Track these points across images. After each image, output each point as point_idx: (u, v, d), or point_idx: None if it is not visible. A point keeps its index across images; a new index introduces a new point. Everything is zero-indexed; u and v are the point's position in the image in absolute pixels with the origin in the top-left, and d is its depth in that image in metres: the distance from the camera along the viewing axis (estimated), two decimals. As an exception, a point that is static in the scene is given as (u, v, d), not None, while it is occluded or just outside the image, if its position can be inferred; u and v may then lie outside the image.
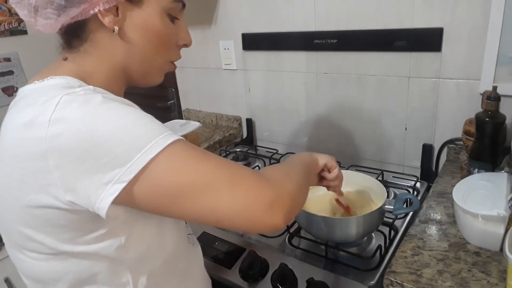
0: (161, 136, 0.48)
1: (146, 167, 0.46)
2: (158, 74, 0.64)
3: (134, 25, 0.57)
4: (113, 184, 0.46)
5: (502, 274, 0.72)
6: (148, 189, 0.48)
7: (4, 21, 1.97)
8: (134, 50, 0.58)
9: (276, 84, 1.51)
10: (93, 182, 0.46)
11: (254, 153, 1.53)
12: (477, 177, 0.91)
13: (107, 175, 0.46)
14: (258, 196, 0.50)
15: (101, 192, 0.46)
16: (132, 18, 0.56)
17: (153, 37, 0.58)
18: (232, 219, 0.49)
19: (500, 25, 0.98)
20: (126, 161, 0.46)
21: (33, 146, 0.47)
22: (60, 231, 0.51)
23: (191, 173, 0.49)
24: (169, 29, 0.60)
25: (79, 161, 0.46)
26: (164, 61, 0.63)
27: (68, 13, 0.53)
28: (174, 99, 1.92)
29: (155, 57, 0.61)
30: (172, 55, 0.64)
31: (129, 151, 0.46)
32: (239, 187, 0.50)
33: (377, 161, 1.35)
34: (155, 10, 0.57)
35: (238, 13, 1.50)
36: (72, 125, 0.46)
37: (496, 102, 0.91)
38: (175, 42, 0.62)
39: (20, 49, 2.02)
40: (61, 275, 0.55)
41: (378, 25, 1.19)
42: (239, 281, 0.90)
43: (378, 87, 1.26)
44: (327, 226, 0.87)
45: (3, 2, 1.98)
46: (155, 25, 0.58)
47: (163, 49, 0.61)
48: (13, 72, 2.03)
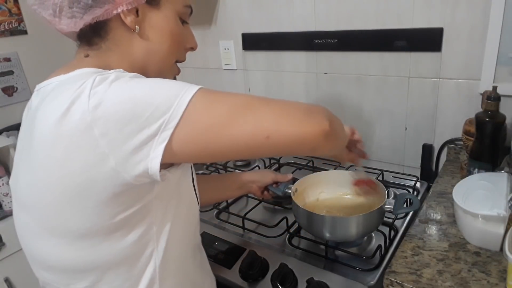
0: (190, 85, 0.51)
1: (186, 109, 0.48)
2: (170, 74, 0.68)
3: (152, 26, 0.61)
4: (161, 133, 0.48)
5: (502, 274, 0.72)
6: (193, 129, 0.49)
7: (4, 21, 1.97)
8: (152, 48, 0.62)
9: (276, 84, 1.51)
10: (140, 138, 0.48)
11: (254, 153, 1.53)
12: (477, 177, 0.91)
13: (153, 126, 0.48)
14: (295, 104, 0.54)
15: (151, 145, 0.48)
16: (151, 19, 0.61)
17: (169, 37, 0.63)
18: (280, 129, 0.50)
19: (500, 25, 0.98)
20: (168, 108, 0.48)
21: (76, 122, 0.48)
22: (100, 208, 0.52)
23: (228, 101, 0.51)
24: (181, 31, 0.65)
25: (124, 124, 0.47)
26: (174, 62, 0.67)
27: (92, 12, 0.56)
28: (174, 99, 1.92)
29: (169, 56, 0.65)
30: (180, 56, 0.68)
31: (167, 100, 0.48)
32: (274, 102, 0.53)
33: (377, 161, 1.35)
34: (171, 13, 0.62)
35: (238, 13, 1.50)
36: (111, 94, 0.48)
37: (496, 102, 0.91)
38: (184, 44, 0.67)
39: (20, 49, 2.01)
40: (94, 258, 0.56)
41: (378, 25, 1.19)
42: (239, 281, 0.90)
43: (378, 87, 1.26)
44: (327, 225, 0.87)
45: (3, 2, 1.98)
46: (171, 26, 0.63)
47: (176, 50, 0.65)
48: (13, 72, 2.02)
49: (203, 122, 0.49)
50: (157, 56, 0.64)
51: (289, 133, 0.51)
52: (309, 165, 1.37)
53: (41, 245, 0.58)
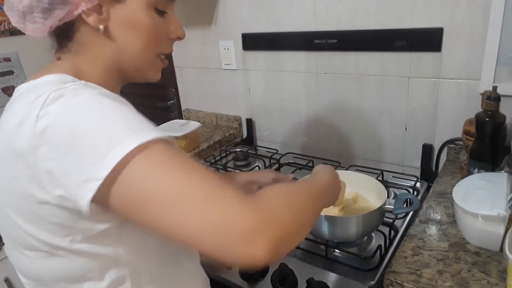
0: (140, 133, 0.45)
1: (120, 165, 0.43)
2: (152, 69, 0.63)
3: (119, 23, 0.56)
4: (90, 182, 0.44)
5: (502, 274, 0.72)
6: (121, 191, 0.45)
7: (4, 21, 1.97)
8: (123, 47, 0.58)
9: (276, 84, 1.51)
10: (75, 177, 0.45)
11: (254, 153, 1.53)
12: (477, 177, 0.91)
13: (86, 171, 0.44)
14: (235, 219, 0.43)
15: (81, 189, 0.45)
16: (116, 15, 0.56)
17: (140, 33, 0.58)
18: (200, 241, 0.43)
19: (500, 25, 0.98)
20: (103, 157, 0.44)
21: (23, 142, 0.47)
22: (55, 228, 0.51)
23: (163, 180, 0.45)
24: (157, 23, 0.59)
25: (64, 155, 0.45)
26: (155, 56, 0.62)
27: (53, 16, 0.54)
28: (174, 99, 1.92)
29: (144, 52, 0.60)
30: (163, 48, 0.63)
31: (106, 147, 0.44)
32: (214, 205, 0.43)
33: (377, 161, 1.35)
34: (140, 5, 0.56)
35: (238, 13, 1.50)
36: (58, 120, 0.46)
37: (496, 102, 0.91)
38: (165, 36, 0.62)
39: (20, 49, 2.01)
40: (59, 273, 0.55)
41: (378, 25, 1.19)
42: (239, 281, 0.90)
43: (378, 87, 1.26)
44: (327, 225, 0.87)
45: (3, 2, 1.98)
46: (140, 20, 0.57)
47: (152, 44, 0.60)
48: (13, 72, 2.02)
49: (130, 188, 0.45)
50: (130, 55, 0.59)
51: (212, 252, 0.43)
52: (309, 165, 1.37)
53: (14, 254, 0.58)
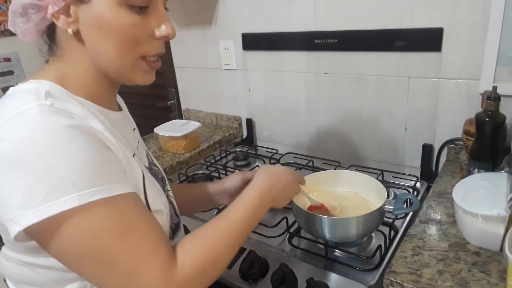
0: (85, 192, 0.46)
1: (53, 220, 0.44)
2: (136, 73, 0.58)
3: (88, 25, 0.53)
4: (13, 224, 0.45)
5: (502, 274, 0.72)
6: (54, 240, 0.46)
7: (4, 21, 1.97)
8: (96, 50, 0.54)
9: (276, 84, 1.51)
10: (7, 211, 0.46)
11: (254, 153, 1.53)
12: (477, 177, 0.91)
13: (15, 211, 0.45)
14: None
15: (8, 225, 0.46)
16: (85, 17, 0.52)
17: (109, 36, 0.53)
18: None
19: (500, 25, 0.98)
20: (35, 206, 0.44)
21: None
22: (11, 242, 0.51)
23: (97, 246, 0.47)
24: (131, 23, 0.52)
25: (6, 183, 0.45)
26: (136, 58, 0.56)
27: (31, 20, 0.54)
28: (174, 99, 1.92)
29: (120, 55, 0.54)
30: (146, 49, 0.56)
31: (43, 197, 0.44)
32: (137, 279, 0.49)
33: (377, 161, 1.35)
34: (108, 3, 0.51)
35: (238, 13, 1.50)
36: (9, 146, 0.45)
37: (496, 102, 0.91)
38: (147, 35, 0.55)
39: (20, 49, 2.02)
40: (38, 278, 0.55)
41: (378, 25, 1.19)
42: (239, 281, 0.90)
43: (378, 87, 1.26)
44: (327, 226, 0.87)
45: (3, 2, 1.98)
46: (108, 21, 0.52)
47: (128, 47, 0.54)
48: (13, 72, 2.03)
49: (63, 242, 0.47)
50: (105, 59, 0.55)
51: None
52: (309, 165, 1.37)
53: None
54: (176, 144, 1.49)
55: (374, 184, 0.96)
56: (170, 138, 1.49)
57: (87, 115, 0.52)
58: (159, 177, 0.72)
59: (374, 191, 0.95)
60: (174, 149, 1.50)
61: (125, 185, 0.51)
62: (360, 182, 1.00)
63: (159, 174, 0.73)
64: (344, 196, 1.00)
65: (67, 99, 0.53)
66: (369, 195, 0.98)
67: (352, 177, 1.02)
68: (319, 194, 1.01)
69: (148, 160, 0.72)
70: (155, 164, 0.75)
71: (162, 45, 0.58)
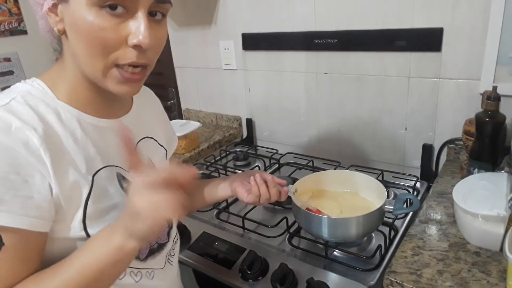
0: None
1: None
2: (109, 82, 0.53)
3: (67, 24, 0.51)
4: None
5: (502, 274, 0.72)
6: None
7: (4, 21, 1.97)
8: (74, 52, 0.53)
9: (276, 84, 1.51)
10: None
11: (254, 153, 1.53)
12: (477, 177, 0.91)
13: None
14: None
15: None
16: (67, 16, 0.51)
17: (80, 36, 0.50)
18: None
19: (500, 25, 0.98)
20: None
21: None
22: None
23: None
24: (100, 24, 0.48)
25: None
26: (108, 64, 0.51)
27: (41, 17, 0.54)
28: (174, 99, 1.92)
29: (91, 59, 0.51)
30: (117, 56, 0.51)
31: None
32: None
33: (377, 161, 1.35)
34: (79, 3, 0.48)
35: (238, 13, 1.50)
36: None
37: (496, 102, 0.91)
38: (119, 40, 0.50)
39: (20, 49, 2.02)
40: None
41: (378, 25, 1.19)
42: (239, 281, 0.90)
43: (378, 87, 1.26)
44: (327, 226, 0.87)
45: (3, 2, 1.98)
46: (80, 21, 0.49)
47: (96, 49, 0.50)
48: (13, 72, 2.03)
49: None
50: (79, 61, 0.53)
51: None
52: (309, 165, 1.37)
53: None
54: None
55: (374, 184, 0.96)
56: (170, 138, 1.49)
57: (31, 127, 0.50)
58: None
59: (374, 191, 0.95)
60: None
61: (14, 218, 0.47)
62: (360, 182, 1.00)
63: None
64: (344, 196, 1.01)
65: (38, 104, 0.53)
66: (369, 195, 0.98)
67: (352, 177, 1.02)
68: (319, 194, 1.01)
69: None
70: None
71: (139, 54, 0.51)
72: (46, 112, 0.53)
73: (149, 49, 0.52)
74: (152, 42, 0.51)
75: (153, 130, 0.72)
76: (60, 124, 0.54)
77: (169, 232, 0.72)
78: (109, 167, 0.59)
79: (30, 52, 2.02)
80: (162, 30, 0.55)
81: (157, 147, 0.72)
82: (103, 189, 0.57)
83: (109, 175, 0.59)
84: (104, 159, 0.58)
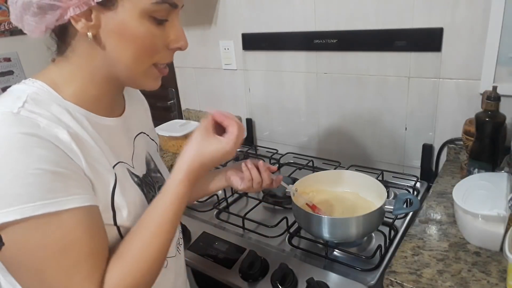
0: (28, 205, 0.46)
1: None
2: (147, 79, 0.60)
3: (109, 31, 0.54)
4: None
5: (502, 274, 0.72)
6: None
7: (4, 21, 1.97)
8: (113, 57, 0.56)
9: (276, 84, 1.51)
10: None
11: (254, 153, 1.53)
12: (477, 177, 0.91)
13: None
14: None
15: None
16: (107, 23, 0.53)
17: (130, 44, 0.54)
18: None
19: (500, 25, 0.98)
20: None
21: None
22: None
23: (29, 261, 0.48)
24: (151, 34, 0.55)
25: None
26: (150, 66, 0.58)
27: (44, 20, 0.53)
28: (174, 99, 1.92)
29: (136, 63, 0.56)
30: (160, 58, 0.58)
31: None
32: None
33: (377, 161, 1.35)
34: (132, 13, 0.53)
35: (238, 13, 1.50)
36: None
37: (496, 102, 0.91)
38: (163, 45, 0.58)
39: (20, 49, 2.02)
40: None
41: (378, 25, 1.19)
42: (239, 281, 0.90)
43: (378, 87, 1.26)
44: (327, 226, 0.87)
45: (3, 2, 1.98)
46: (131, 30, 0.53)
47: (145, 55, 0.56)
48: (13, 72, 2.03)
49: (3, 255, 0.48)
50: (120, 66, 0.56)
51: None
52: (309, 165, 1.37)
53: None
54: (176, 144, 1.49)
55: (374, 184, 0.96)
56: (170, 138, 1.49)
57: (57, 124, 0.52)
58: (157, 186, 0.70)
59: (374, 191, 0.95)
60: (174, 149, 1.50)
61: (80, 199, 0.50)
62: (360, 182, 1.00)
63: (158, 183, 0.71)
64: (344, 196, 1.01)
65: (50, 105, 0.53)
66: (369, 195, 0.98)
67: (352, 177, 1.02)
68: (319, 194, 1.01)
69: (148, 168, 0.70)
70: (158, 171, 0.73)
71: (173, 54, 0.61)
72: (59, 112, 0.54)
73: None
74: (187, 45, 0.60)
75: (144, 126, 0.75)
76: (75, 122, 0.55)
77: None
78: (120, 163, 0.61)
79: (30, 52, 2.02)
80: None
81: (150, 141, 0.76)
82: (123, 182, 0.60)
83: (123, 170, 0.62)
84: (115, 156, 0.60)
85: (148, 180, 0.68)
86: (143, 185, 0.65)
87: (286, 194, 0.98)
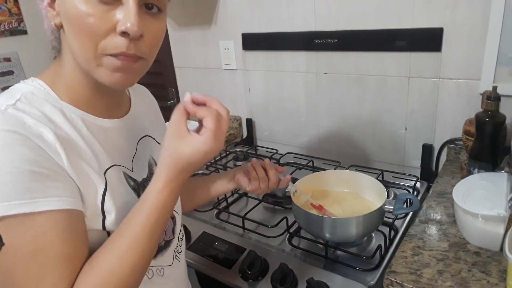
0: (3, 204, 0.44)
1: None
2: (100, 71, 0.52)
3: (63, 16, 0.51)
4: None
5: (502, 274, 0.72)
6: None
7: (4, 21, 1.97)
8: (69, 45, 0.52)
9: (276, 84, 1.51)
10: None
11: (254, 153, 1.53)
12: (477, 177, 0.90)
13: None
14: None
15: None
16: (62, 8, 0.51)
17: (70, 25, 0.50)
18: None
19: (500, 25, 0.98)
20: None
21: None
22: None
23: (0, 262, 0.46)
24: (86, 12, 0.48)
25: None
26: (99, 53, 0.51)
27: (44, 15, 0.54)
28: (174, 99, 1.92)
29: (82, 49, 0.51)
30: (108, 43, 0.50)
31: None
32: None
33: (377, 161, 1.35)
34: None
35: (238, 13, 1.50)
36: None
37: (496, 102, 0.91)
38: (108, 28, 0.49)
39: (20, 49, 2.02)
40: None
41: (378, 25, 1.19)
42: (239, 281, 0.90)
43: (378, 87, 1.26)
44: (327, 226, 0.87)
45: (3, 2, 1.98)
46: (70, 9, 0.49)
47: (85, 36, 0.50)
48: (13, 72, 2.03)
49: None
50: (74, 52, 0.52)
51: None
52: (309, 165, 1.37)
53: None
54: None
55: (374, 184, 0.96)
56: (170, 138, 1.49)
57: (44, 124, 0.50)
58: None
59: (374, 191, 0.96)
60: (174, 149, 1.50)
61: (58, 201, 0.48)
62: (360, 182, 1.00)
63: None
64: (344, 196, 1.01)
65: (44, 104, 0.53)
66: (369, 195, 0.98)
67: (352, 177, 1.02)
68: (319, 194, 1.01)
69: (150, 172, 0.67)
70: None
71: (129, 44, 0.50)
72: (52, 113, 0.53)
73: (141, 41, 0.51)
74: (142, 31, 0.50)
75: (151, 129, 0.73)
76: (68, 124, 0.54)
77: (174, 229, 0.73)
78: (116, 166, 0.59)
79: (30, 52, 2.02)
80: (157, 24, 0.54)
81: (156, 145, 0.73)
82: (116, 186, 0.58)
83: (118, 173, 0.59)
84: (110, 159, 0.59)
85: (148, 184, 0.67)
86: (140, 189, 0.62)
87: (286, 194, 0.98)
